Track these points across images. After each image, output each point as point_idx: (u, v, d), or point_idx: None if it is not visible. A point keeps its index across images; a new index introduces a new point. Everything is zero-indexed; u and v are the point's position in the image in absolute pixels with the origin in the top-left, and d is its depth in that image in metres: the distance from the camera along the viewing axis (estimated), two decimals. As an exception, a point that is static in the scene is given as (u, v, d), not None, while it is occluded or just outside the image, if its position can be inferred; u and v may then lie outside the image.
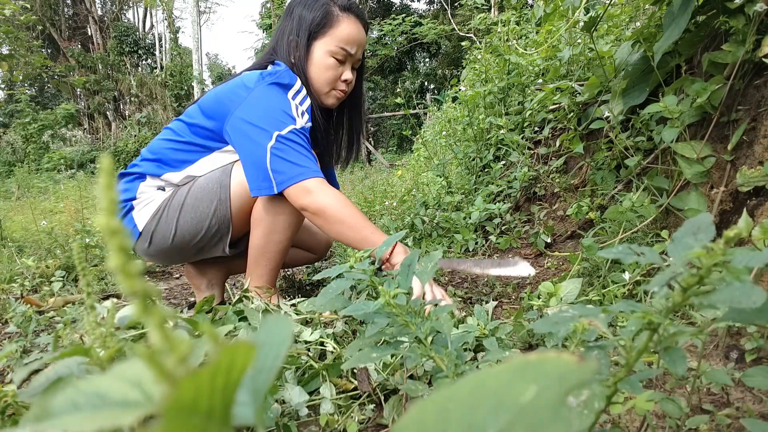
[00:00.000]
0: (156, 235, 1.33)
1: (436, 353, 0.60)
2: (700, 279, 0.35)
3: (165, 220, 1.32)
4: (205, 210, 1.31)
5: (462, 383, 0.20)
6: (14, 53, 4.15)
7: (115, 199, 0.18)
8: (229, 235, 1.35)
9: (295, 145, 1.23)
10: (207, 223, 1.32)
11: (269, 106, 1.25)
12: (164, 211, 1.33)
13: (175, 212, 1.31)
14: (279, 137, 1.22)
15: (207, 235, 1.34)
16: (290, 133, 1.23)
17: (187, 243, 1.34)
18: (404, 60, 16.28)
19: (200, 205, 1.31)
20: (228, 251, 1.39)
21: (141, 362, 0.23)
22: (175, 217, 1.31)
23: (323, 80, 1.35)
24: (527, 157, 2.08)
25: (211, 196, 1.31)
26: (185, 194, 1.32)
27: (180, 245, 1.34)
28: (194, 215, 1.31)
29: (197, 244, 1.36)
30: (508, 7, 2.98)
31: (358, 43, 1.35)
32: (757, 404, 0.73)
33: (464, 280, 1.60)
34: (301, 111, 1.28)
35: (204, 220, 1.31)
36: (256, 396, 0.24)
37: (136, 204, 1.36)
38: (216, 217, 1.31)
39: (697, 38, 1.29)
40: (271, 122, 1.23)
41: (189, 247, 1.36)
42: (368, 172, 6.70)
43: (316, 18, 1.32)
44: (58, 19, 18.18)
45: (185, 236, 1.32)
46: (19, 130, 10.73)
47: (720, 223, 1.16)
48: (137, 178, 1.38)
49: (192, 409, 0.19)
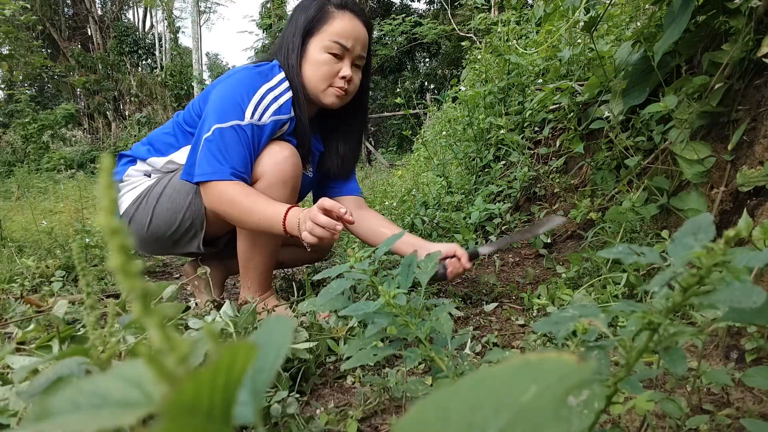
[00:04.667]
0: (134, 221, 1.33)
1: (435, 353, 0.60)
2: (700, 279, 0.35)
3: (143, 207, 1.32)
4: (181, 202, 1.30)
5: (462, 383, 0.20)
6: (14, 53, 4.15)
7: (115, 198, 0.18)
8: (203, 231, 1.34)
9: (228, 141, 1.18)
10: (181, 216, 1.30)
11: (225, 97, 1.22)
12: (145, 198, 1.33)
13: (153, 200, 1.31)
14: (217, 130, 1.18)
15: (181, 228, 1.32)
16: (230, 129, 1.18)
17: (162, 234, 1.33)
18: (404, 60, 16.28)
19: (177, 196, 1.30)
20: (203, 248, 1.38)
21: (141, 362, 0.23)
22: (153, 205, 1.31)
23: (318, 76, 1.30)
24: (527, 157, 2.08)
25: (188, 188, 1.29)
26: (165, 184, 1.32)
27: (155, 235, 1.33)
28: (170, 206, 1.30)
29: (172, 236, 1.34)
30: (508, 7, 2.97)
31: (354, 38, 1.30)
32: (757, 404, 0.73)
33: (464, 280, 1.60)
34: (264, 108, 1.22)
35: (178, 212, 1.30)
36: (256, 396, 0.24)
37: (121, 187, 1.37)
38: (191, 210, 1.30)
39: (697, 38, 1.29)
40: (219, 113, 1.20)
41: (164, 238, 1.34)
42: (368, 172, 6.70)
43: (310, 15, 1.30)
44: (58, 19, 18.17)
45: (160, 226, 1.31)
46: (19, 130, 10.72)
47: (720, 223, 1.16)
48: (129, 162, 1.40)
49: (192, 409, 0.19)
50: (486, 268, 1.73)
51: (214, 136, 1.18)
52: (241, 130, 1.19)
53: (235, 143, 1.19)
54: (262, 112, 1.23)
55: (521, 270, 1.67)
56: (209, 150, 1.18)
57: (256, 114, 1.21)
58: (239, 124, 1.19)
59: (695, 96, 1.22)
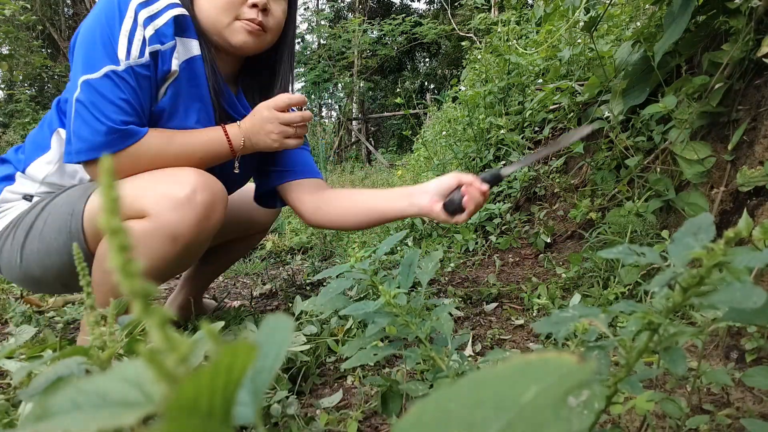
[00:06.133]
0: (3, 259, 0.98)
1: (436, 353, 0.60)
2: (700, 279, 0.35)
3: (11, 242, 0.96)
4: (53, 242, 0.93)
5: (462, 383, 0.20)
6: (14, 53, 4.16)
7: (116, 198, 0.18)
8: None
9: (105, 92, 0.85)
10: (57, 259, 0.94)
11: (90, 36, 0.88)
12: (13, 230, 0.96)
13: (21, 235, 0.95)
14: (85, 84, 0.85)
15: (63, 271, 0.95)
16: (104, 79, 0.85)
17: (39, 277, 0.97)
18: (404, 60, 16.28)
19: (48, 233, 0.93)
20: None
21: (141, 362, 0.23)
22: (21, 241, 0.95)
23: (218, 7, 0.94)
24: (527, 157, 2.08)
25: (60, 224, 0.92)
26: (36, 214, 0.95)
27: (31, 277, 0.98)
28: (41, 246, 0.94)
29: (57, 279, 0.98)
30: (508, 7, 2.98)
31: None
32: (757, 404, 0.73)
33: (464, 279, 1.60)
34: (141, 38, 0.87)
35: (52, 253, 0.94)
36: (256, 396, 0.24)
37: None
38: (65, 254, 0.93)
39: (697, 38, 1.29)
40: (85, 61, 0.87)
41: (47, 280, 0.99)
42: (368, 172, 6.70)
43: None
44: (58, 19, 18.17)
45: (32, 268, 0.96)
46: (19, 130, 10.72)
47: (720, 223, 1.16)
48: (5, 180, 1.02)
49: (192, 409, 0.19)
50: (486, 268, 1.73)
51: (85, 94, 0.85)
52: (119, 78, 0.86)
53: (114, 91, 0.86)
54: (141, 45, 0.88)
55: (521, 270, 1.67)
56: (85, 113, 0.85)
57: (133, 49, 0.87)
58: (114, 70, 0.86)
59: (695, 96, 1.22)
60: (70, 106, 0.87)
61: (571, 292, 1.28)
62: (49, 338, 1.09)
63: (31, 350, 0.58)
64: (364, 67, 11.96)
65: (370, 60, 12.06)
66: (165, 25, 0.88)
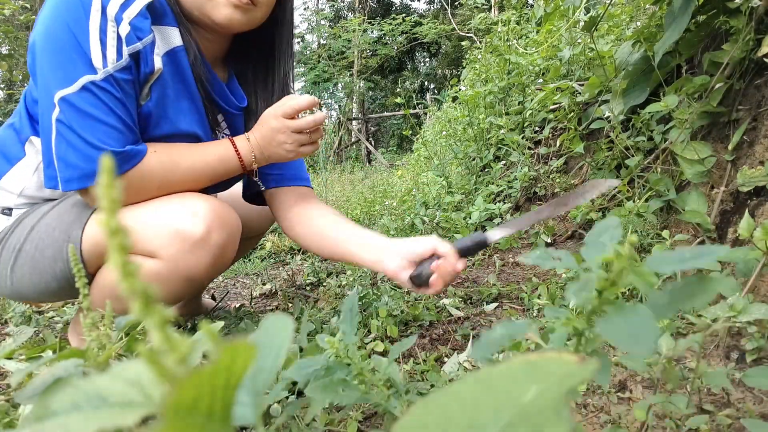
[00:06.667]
0: None
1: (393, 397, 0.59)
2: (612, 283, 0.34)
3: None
4: (46, 268, 0.87)
5: (463, 383, 0.20)
6: (14, 53, 4.16)
7: (115, 198, 0.18)
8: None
9: (91, 115, 0.76)
10: (55, 285, 0.89)
11: (53, 38, 0.75)
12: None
13: (10, 256, 0.89)
14: (63, 102, 0.75)
15: (61, 293, 0.92)
16: (83, 92, 0.75)
17: (32, 297, 0.93)
18: (404, 60, 16.29)
19: (40, 258, 0.87)
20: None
21: (141, 362, 0.23)
22: (9, 263, 0.89)
23: None
24: (527, 157, 2.08)
25: (54, 250, 0.86)
26: (24, 236, 0.88)
27: (24, 297, 0.94)
28: (33, 269, 0.88)
29: (52, 298, 0.94)
30: (508, 6, 2.98)
31: None
32: (758, 404, 0.73)
33: (464, 279, 1.60)
34: (115, 35, 0.76)
35: (44, 279, 0.88)
36: (256, 396, 0.24)
37: None
38: (63, 280, 0.88)
39: (697, 38, 1.29)
40: (55, 71, 0.75)
41: (41, 299, 0.95)
42: (368, 172, 6.70)
43: None
44: (58, 19, 18.16)
45: (24, 290, 0.90)
46: (19, 130, 10.73)
47: (720, 223, 1.15)
48: None
49: (192, 409, 0.19)
50: (486, 268, 1.73)
51: (64, 111, 0.75)
52: (100, 90, 0.76)
53: (99, 107, 0.76)
54: (117, 45, 0.76)
55: (521, 270, 1.67)
56: (70, 136, 0.76)
57: (108, 52, 0.76)
58: (92, 80, 0.75)
59: (695, 96, 1.22)
60: (48, 124, 0.78)
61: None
62: (48, 338, 1.09)
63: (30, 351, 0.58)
64: (364, 66, 11.96)
65: (370, 60, 12.07)
66: (138, 16, 0.77)
